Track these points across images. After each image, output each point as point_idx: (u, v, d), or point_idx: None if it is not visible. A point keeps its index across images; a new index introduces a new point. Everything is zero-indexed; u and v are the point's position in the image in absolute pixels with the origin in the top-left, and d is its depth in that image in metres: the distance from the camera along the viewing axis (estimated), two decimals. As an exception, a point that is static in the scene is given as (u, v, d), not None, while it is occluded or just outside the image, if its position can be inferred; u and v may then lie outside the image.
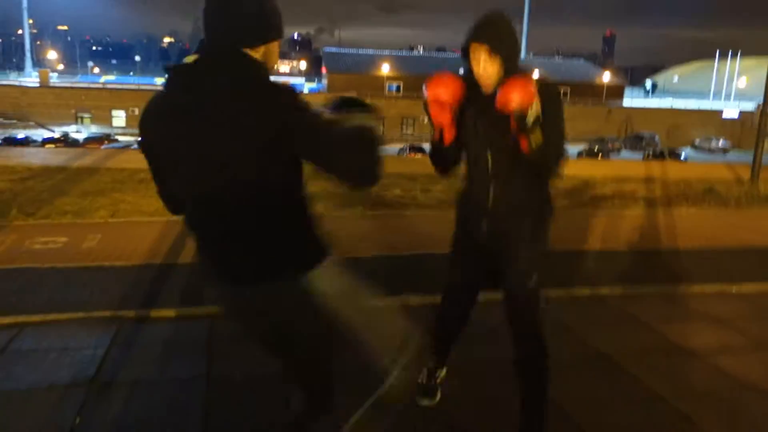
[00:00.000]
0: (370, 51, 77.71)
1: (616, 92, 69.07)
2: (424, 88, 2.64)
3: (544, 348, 2.90)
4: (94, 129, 55.79)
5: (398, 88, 67.54)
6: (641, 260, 6.40)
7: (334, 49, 78.38)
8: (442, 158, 2.88)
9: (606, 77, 69.31)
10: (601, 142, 51.54)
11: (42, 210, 7.55)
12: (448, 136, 2.72)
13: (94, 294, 4.82)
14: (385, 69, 67.65)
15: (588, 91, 65.84)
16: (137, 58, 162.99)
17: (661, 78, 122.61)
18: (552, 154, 2.65)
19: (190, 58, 1.95)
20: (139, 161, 9.91)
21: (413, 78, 65.53)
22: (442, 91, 2.60)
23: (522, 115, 2.48)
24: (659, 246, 7.01)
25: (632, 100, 74.90)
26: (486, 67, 2.62)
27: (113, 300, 4.66)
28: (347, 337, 2.18)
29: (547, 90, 2.59)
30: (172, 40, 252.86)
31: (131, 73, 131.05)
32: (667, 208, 9.05)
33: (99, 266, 5.49)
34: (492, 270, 2.93)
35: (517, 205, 2.81)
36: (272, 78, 1.98)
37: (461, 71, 2.78)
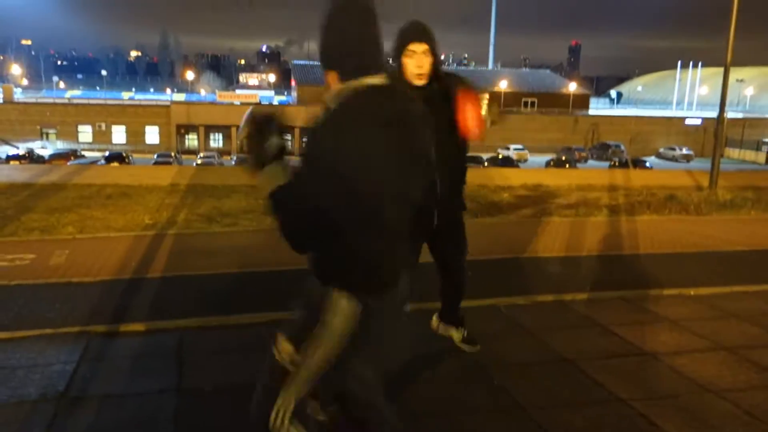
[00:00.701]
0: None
1: (582, 102, 70.16)
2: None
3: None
4: (60, 145, 55.06)
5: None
6: (604, 266, 6.57)
7: (302, 62, 78.30)
8: None
9: (572, 87, 70.44)
10: (568, 151, 52.29)
11: (8, 227, 7.50)
12: None
13: (63, 310, 4.82)
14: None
15: (555, 101, 66.84)
16: (104, 72, 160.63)
17: (625, 87, 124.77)
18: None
19: (378, 79, 2.08)
20: (105, 177, 9.90)
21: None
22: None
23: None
24: (621, 252, 7.19)
25: (598, 109, 76.15)
26: (424, 64, 3.17)
27: (82, 315, 4.67)
28: None
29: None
30: (140, 53, 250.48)
31: (98, 88, 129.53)
32: (630, 215, 9.27)
33: (67, 282, 5.48)
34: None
35: (455, 192, 3.61)
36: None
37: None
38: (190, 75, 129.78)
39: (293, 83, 71.87)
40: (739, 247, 7.52)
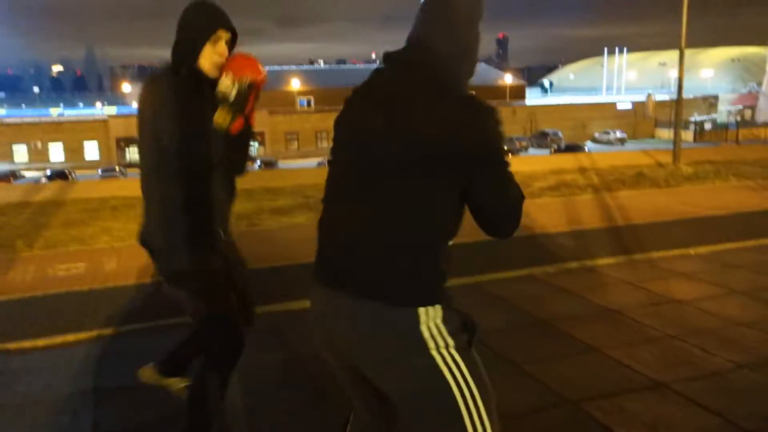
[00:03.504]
0: (276, 67, 77.90)
1: (518, 92, 72.19)
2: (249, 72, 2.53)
3: None
4: (-3, 166, 53.24)
5: (308, 102, 68.03)
6: (607, 235, 7.32)
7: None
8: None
9: (508, 79, 72.27)
10: (509, 141, 53.84)
11: (37, 242, 7.72)
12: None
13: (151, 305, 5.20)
14: (295, 84, 67.93)
15: (492, 93, 68.48)
16: (36, 89, 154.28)
17: (555, 76, 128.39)
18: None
19: None
20: (95, 191, 10.10)
21: (322, 91, 66.22)
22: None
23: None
24: (615, 223, 7.97)
25: (533, 98, 78.45)
26: (226, 53, 2.65)
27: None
28: None
29: None
30: (62, 68, 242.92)
31: (23, 106, 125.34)
32: (610, 192, 10.11)
33: (134, 283, 5.86)
34: None
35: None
36: None
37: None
38: (118, 86, 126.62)
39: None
40: (718, 212, 8.42)
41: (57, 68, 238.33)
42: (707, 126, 57.31)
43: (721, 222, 7.88)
